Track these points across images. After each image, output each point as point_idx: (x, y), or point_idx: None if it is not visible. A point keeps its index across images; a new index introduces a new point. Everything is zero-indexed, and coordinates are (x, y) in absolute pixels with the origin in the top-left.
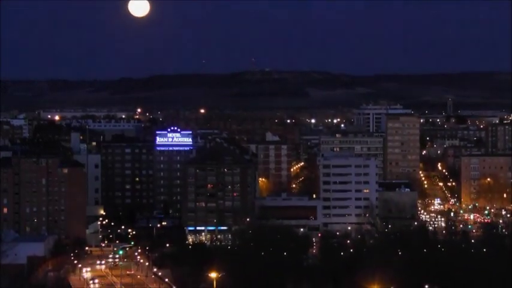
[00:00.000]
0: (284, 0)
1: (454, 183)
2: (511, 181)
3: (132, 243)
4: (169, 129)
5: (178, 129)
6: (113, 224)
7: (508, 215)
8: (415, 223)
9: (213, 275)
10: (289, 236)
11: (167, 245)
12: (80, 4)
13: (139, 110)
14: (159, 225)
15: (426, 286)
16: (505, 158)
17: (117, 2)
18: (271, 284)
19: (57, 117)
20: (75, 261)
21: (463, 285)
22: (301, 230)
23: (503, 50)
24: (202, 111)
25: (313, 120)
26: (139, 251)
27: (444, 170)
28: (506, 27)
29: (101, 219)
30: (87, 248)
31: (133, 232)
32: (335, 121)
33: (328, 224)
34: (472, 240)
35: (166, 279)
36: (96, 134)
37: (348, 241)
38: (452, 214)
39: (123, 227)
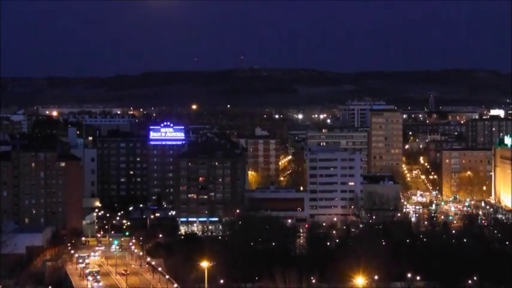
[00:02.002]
0: (273, 0)
1: (435, 176)
2: (489, 174)
3: (127, 233)
4: (162, 125)
5: (171, 125)
6: (108, 215)
7: (487, 207)
8: (398, 214)
9: (205, 264)
10: (277, 227)
11: (160, 235)
12: (78, 4)
13: (133, 106)
14: (152, 217)
15: (409, 275)
16: (484, 152)
17: (113, 2)
18: (260, 272)
19: (55, 113)
20: (72, 251)
21: (444, 274)
22: (289, 221)
23: (483, 48)
24: (194, 107)
25: (300, 116)
26: (133, 241)
27: (426, 164)
28: (487, 26)
29: (96, 210)
30: (83, 239)
31: (128, 223)
32: (321, 117)
33: (315, 215)
34: (453, 231)
35: (160, 269)
36: (92, 129)
37: (334, 232)
38: (433, 206)
39: (118, 218)
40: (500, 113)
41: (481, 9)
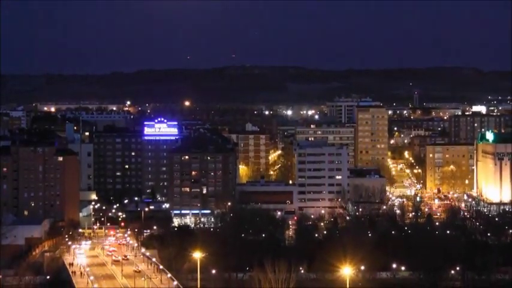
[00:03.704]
0: (264, 0)
1: (419, 170)
2: (472, 168)
3: (122, 225)
4: (156, 120)
5: (165, 120)
6: (104, 207)
7: (470, 200)
8: (384, 207)
9: (197, 254)
10: (267, 219)
11: (154, 227)
12: (75, 4)
13: (128, 103)
14: (147, 209)
15: (394, 265)
16: (467, 147)
17: (110, 2)
18: (251, 262)
19: (52, 109)
20: (69, 243)
21: (428, 264)
22: (278, 213)
23: (465, 47)
24: (187, 103)
25: (289, 112)
26: (128, 233)
27: (410, 158)
28: (469, 25)
29: (93, 203)
30: (80, 230)
31: (123, 215)
32: (310, 113)
33: (304, 208)
34: (436, 223)
35: (154, 259)
36: (89, 124)
37: (322, 224)
38: (417, 199)
39: (113, 210)
40: (482, 109)
41: (463, 8)
